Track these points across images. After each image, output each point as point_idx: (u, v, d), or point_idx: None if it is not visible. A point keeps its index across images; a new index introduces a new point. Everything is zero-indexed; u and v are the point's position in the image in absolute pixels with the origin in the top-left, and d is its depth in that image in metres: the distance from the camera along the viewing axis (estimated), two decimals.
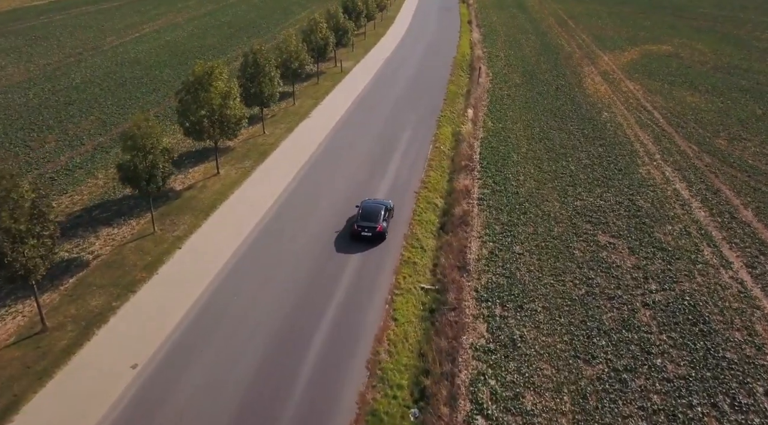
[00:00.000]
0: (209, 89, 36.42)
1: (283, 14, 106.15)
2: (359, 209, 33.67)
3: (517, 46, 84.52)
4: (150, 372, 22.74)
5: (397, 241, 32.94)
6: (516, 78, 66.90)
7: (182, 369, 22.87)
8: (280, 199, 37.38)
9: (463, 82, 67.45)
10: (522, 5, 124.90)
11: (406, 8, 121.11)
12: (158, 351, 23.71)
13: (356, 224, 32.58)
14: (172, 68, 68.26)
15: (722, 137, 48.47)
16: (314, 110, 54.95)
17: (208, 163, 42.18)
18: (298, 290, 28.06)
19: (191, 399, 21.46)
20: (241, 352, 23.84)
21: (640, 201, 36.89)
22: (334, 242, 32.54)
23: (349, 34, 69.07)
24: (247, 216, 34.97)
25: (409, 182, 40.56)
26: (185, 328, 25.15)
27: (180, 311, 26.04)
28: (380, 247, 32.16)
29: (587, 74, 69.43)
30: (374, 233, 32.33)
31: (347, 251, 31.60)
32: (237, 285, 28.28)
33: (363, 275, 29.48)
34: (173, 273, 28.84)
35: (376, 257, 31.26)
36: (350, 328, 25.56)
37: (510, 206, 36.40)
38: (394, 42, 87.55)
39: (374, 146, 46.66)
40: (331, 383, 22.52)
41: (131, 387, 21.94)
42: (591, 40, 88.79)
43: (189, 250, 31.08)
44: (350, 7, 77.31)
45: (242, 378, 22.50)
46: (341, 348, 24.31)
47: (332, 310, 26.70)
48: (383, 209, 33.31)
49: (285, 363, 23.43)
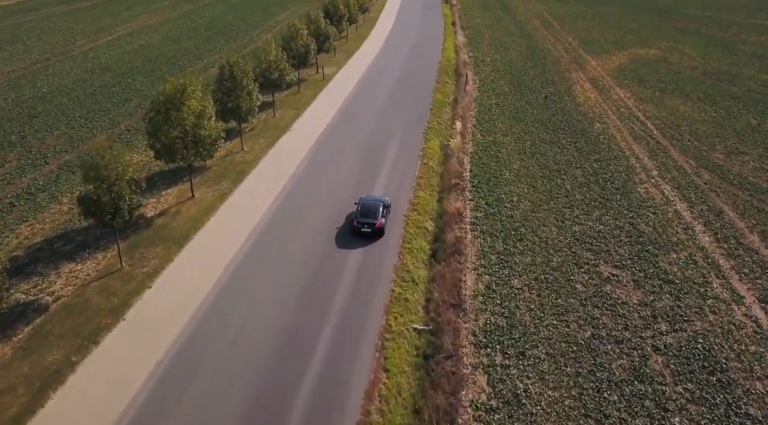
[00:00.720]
0: (181, 109, 33.76)
1: (262, 16, 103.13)
2: (358, 206, 34.84)
3: (503, 49, 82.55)
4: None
5: (387, 272, 30.65)
6: (504, 85, 64.87)
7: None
8: (261, 224, 34.86)
9: (450, 89, 65.28)
10: (506, 6, 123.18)
11: (389, 9, 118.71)
12: (122, 417, 21.14)
13: (356, 220, 33.83)
14: (145, 75, 65.17)
15: (719, 150, 46.87)
16: (296, 122, 52.36)
17: (182, 184, 39.47)
18: (282, 336, 25.64)
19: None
20: (215, 413, 21.37)
21: (642, 225, 34.99)
22: (320, 272, 30.21)
23: (331, 39, 66.41)
24: (224, 246, 32.40)
25: (397, 203, 38.29)
26: (154, 386, 22.58)
27: (148, 365, 23.46)
28: (370, 282, 29.81)
29: (576, 81, 67.65)
30: (373, 229, 33.59)
31: (335, 282, 29.23)
32: (212, 330, 25.76)
33: (352, 317, 27.10)
34: (142, 319, 26.20)
35: (366, 292, 28.91)
36: (338, 383, 23.20)
37: (505, 231, 34.29)
38: (377, 45, 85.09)
39: (359, 162, 44.28)
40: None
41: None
42: (578, 44, 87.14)
43: (160, 289, 28.43)
44: (331, 10, 74.66)
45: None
46: (327, 408, 21.94)
47: (319, 359, 24.33)
48: (381, 205, 34.72)
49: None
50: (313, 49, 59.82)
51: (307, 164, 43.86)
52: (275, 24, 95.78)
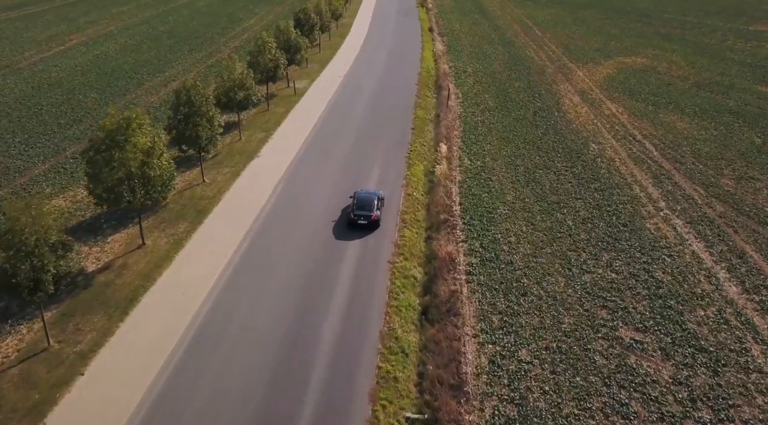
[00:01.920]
0: (125, 147, 28.60)
1: (229, 22, 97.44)
2: (354, 200, 35.73)
3: (484, 58, 78.34)
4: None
5: (372, 342, 25.98)
6: (488, 99, 60.58)
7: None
8: (221, 281, 29.85)
9: (431, 103, 60.82)
10: (483, 10, 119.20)
11: (363, 14, 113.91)
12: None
13: (352, 213, 34.95)
14: (99, 91, 59.40)
15: (727, 175, 43.14)
16: (264, 147, 47.28)
17: (132, 227, 34.21)
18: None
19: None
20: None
21: (658, 272, 30.83)
22: (295, 338, 25.43)
23: (303, 51, 61.35)
24: (178, 310, 27.32)
25: (380, 246, 33.66)
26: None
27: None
28: (350, 355, 25.07)
29: (564, 94, 63.72)
30: (369, 221, 34.80)
31: (312, 356, 24.43)
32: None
33: (334, 404, 22.37)
34: (69, 422, 21.09)
35: (347, 369, 24.18)
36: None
37: (506, 283, 29.84)
38: (352, 54, 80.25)
39: (336, 194, 39.45)
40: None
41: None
42: (561, 52, 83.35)
43: (95, 377, 23.30)
44: (302, 19, 69.54)
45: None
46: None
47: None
48: (376, 198, 35.89)
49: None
50: (283, 64, 54.76)
51: (278, 198, 38.93)
52: (243, 31, 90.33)
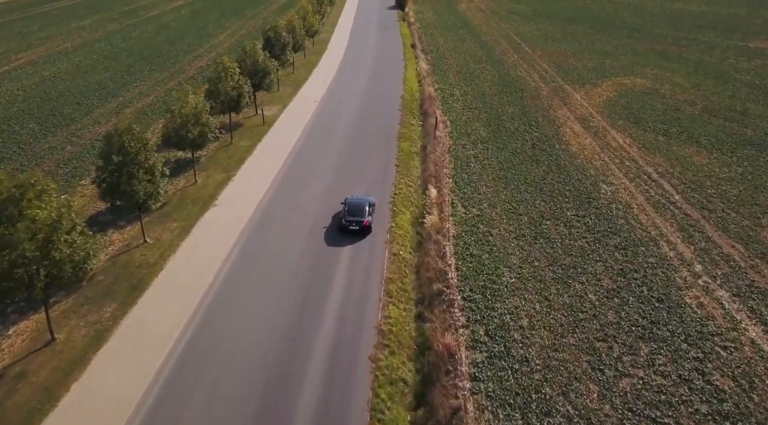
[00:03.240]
0: (16, 224, 21.45)
1: (197, 37, 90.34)
2: (345, 206, 35.63)
3: (472, 79, 72.06)
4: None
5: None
6: (480, 129, 54.14)
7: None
8: (149, 396, 22.71)
9: (416, 133, 54.30)
10: (468, 25, 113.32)
11: (341, 28, 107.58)
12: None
13: (344, 219, 34.89)
14: (39, 121, 52.04)
15: (766, 225, 37.03)
16: (223, 192, 40.20)
17: (37, 315, 26.87)
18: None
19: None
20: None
21: (716, 375, 24.23)
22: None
23: (272, 76, 54.40)
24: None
25: (359, 332, 26.85)
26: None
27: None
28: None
29: (563, 121, 57.54)
30: (361, 226, 34.79)
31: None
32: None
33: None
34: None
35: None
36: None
37: (522, 393, 23.07)
38: (329, 74, 73.54)
39: (307, 256, 32.58)
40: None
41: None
42: (554, 71, 77.43)
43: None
44: (273, 38, 62.57)
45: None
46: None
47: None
48: (367, 204, 35.86)
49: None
50: (248, 91, 47.78)
51: (234, 263, 31.91)
52: (211, 48, 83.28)
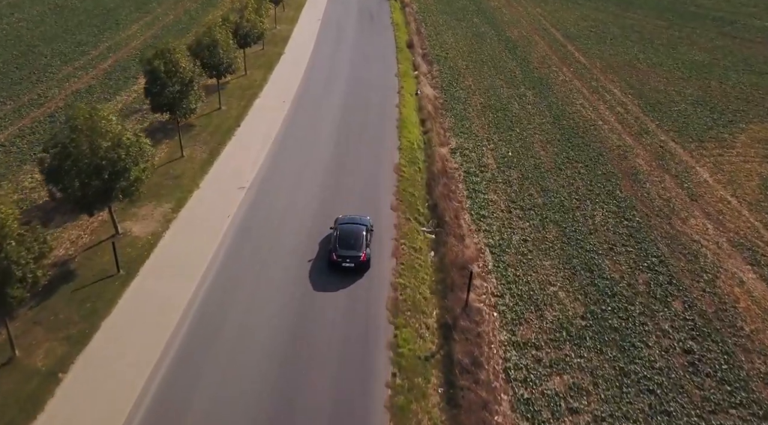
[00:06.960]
0: None
1: (97, 30, 61.11)
2: (336, 233, 26.63)
3: (508, 121, 44.63)
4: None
5: None
6: (549, 268, 27.41)
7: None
8: None
9: (425, 267, 27.73)
10: (482, 9, 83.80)
11: (307, 20, 76.24)
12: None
13: (335, 253, 25.97)
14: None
15: None
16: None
17: None
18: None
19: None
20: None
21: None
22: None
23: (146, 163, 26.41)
24: None
25: None
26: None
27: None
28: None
29: (681, 207, 31.24)
30: (357, 263, 25.98)
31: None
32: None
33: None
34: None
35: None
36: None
37: None
38: (276, 116, 44.71)
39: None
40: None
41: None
42: (638, 107, 49.04)
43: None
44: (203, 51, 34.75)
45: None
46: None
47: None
48: (364, 229, 26.83)
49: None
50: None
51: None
52: (120, 43, 55.01)
